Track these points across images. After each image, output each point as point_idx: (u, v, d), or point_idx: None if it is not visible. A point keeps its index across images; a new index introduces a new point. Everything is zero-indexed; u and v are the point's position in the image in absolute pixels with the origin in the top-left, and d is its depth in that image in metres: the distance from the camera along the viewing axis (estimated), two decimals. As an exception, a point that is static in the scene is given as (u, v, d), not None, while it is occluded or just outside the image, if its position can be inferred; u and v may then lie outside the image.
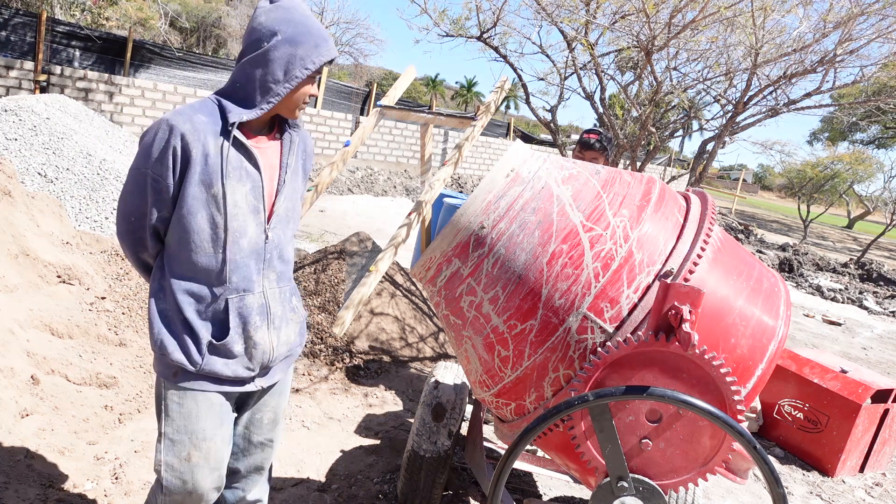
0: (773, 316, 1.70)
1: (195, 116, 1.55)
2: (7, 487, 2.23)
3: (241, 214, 1.62)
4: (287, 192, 1.73)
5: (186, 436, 1.66)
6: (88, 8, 14.81)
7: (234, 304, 1.64)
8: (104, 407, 3.00)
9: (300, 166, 1.80)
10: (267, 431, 1.85)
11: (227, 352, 1.65)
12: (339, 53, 1.59)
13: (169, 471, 1.67)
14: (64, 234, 4.03)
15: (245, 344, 1.67)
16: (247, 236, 1.64)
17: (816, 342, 7.14)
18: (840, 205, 26.91)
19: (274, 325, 1.73)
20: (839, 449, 3.78)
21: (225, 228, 1.60)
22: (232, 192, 1.59)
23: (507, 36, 5.71)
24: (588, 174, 1.84)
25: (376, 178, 13.12)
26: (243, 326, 1.66)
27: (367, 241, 4.65)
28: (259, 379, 1.75)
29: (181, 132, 1.52)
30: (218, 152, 1.57)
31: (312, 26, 1.61)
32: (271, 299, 1.72)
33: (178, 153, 1.53)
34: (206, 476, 1.69)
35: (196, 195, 1.56)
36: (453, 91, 51.62)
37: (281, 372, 1.83)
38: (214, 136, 1.56)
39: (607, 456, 1.54)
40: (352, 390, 3.77)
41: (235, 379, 1.69)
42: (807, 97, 5.01)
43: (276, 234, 1.71)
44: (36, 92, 9.26)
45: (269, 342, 1.72)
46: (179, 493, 1.68)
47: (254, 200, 1.64)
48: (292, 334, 1.81)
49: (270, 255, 1.70)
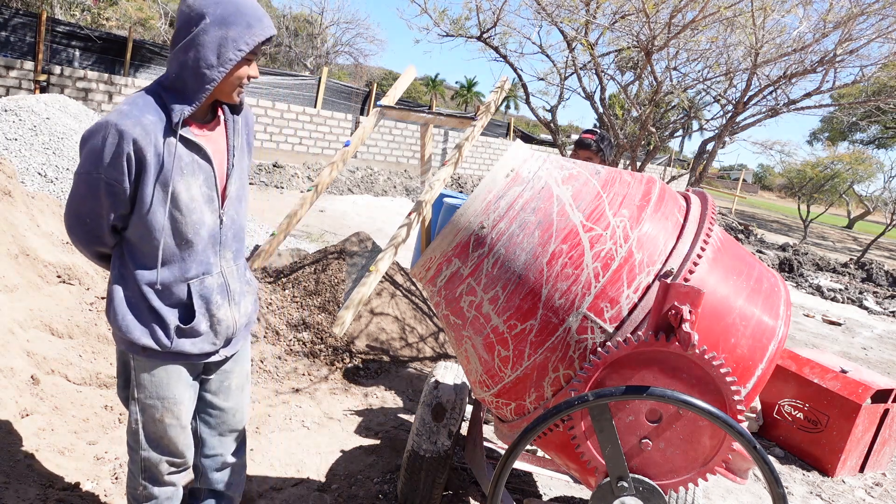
0: (773, 316, 1.70)
1: (143, 118, 1.53)
2: (7, 487, 2.23)
3: (198, 207, 1.66)
4: (236, 173, 1.77)
5: (158, 401, 1.76)
6: (88, 8, 14.81)
7: (195, 287, 1.70)
8: (104, 407, 3.00)
9: (245, 143, 1.83)
10: (236, 397, 1.97)
11: (193, 332, 1.72)
12: (276, 31, 1.57)
13: (144, 432, 1.79)
14: (64, 234, 4.03)
15: (209, 322, 1.75)
16: (205, 225, 1.69)
17: (816, 342, 7.14)
18: (840, 205, 26.91)
19: (234, 301, 1.82)
20: (839, 449, 3.78)
21: (184, 223, 1.64)
22: (188, 188, 1.62)
23: (507, 36, 5.71)
24: (588, 174, 1.84)
25: (376, 178, 13.12)
26: (206, 307, 1.73)
27: (367, 241, 4.65)
28: (223, 349, 1.85)
29: (133, 137, 1.51)
30: (171, 152, 1.57)
31: (243, 4, 1.55)
32: (229, 277, 1.80)
33: (132, 158, 1.53)
34: (179, 434, 1.82)
35: (154, 195, 1.58)
36: (453, 91, 51.60)
37: (242, 340, 1.94)
38: (164, 136, 1.56)
39: (607, 456, 1.54)
40: (352, 390, 3.77)
41: (202, 354, 1.79)
42: (807, 97, 5.01)
43: (229, 215, 1.76)
44: (36, 92, 9.26)
45: (232, 317, 1.81)
46: (156, 451, 1.81)
47: (208, 190, 1.68)
48: (249, 305, 1.91)
49: (226, 237, 1.76)
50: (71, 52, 10.96)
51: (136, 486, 1.88)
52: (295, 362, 3.87)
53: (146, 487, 1.86)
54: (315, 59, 26.88)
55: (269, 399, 3.46)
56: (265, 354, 3.82)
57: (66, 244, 3.97)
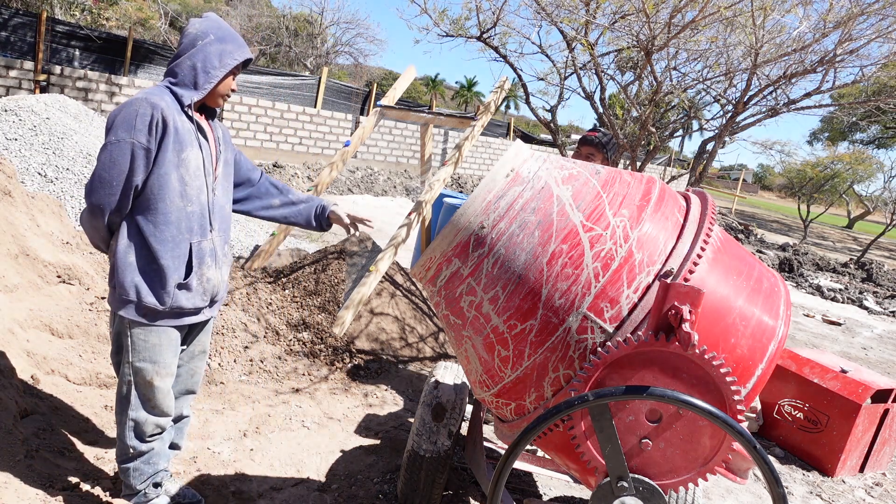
0: (773, 316, 1.70)
1: (165, 96, 1.98)
2: (7, 487, 2.23)
3: (199, 176, 2.06)
4: (223, 159, 2.20)
5: (150, 364, 2.10)
6: (88, 8, 14.81)
7: (195, 247, 2.07)
8: (104, 407, 3.00)
9: (229, 140, 2.27)
10: (198, 361, 2.36)
11: (188, 286, 2.08)
12: (253, 55, 2.21)
13: (137, 392, 2.12)
14: (64, 234, 4.03)
15: (199, 279, 2.11)
16: (204, 192, 2.09)
17: (816, 342, 7.14)
18: (840, 205, 26.91)
19: (218, 265, 2.19)
20: (839, 449, 3.78)
21: (191, 185, 2.04)
22: (195, 158, 2.05)
23: (507, 36, 5.70)
24: (588, 174, 1.84)
25: (376, 178, 13.12)
26: (199, 265, 2.09)
27: (367, 241, 4.65)
28: (206, 310, 2.22)
29: (160, 107, 1.94)
30: (183, 125, 2.01)
31: (235, 34, 2.12)
32: (217, 244, 2.17)
33: (159, 124, 1.94)
34: (166, 396, 2.17)
35: (170, 159, 1.98)
36: (453, 91, 51.60)
37: (220, 305, 2.35)
38: (178, 113, 2.00)
39: (607, 456, 1.54)
40: (352, 390, 3.76)
41: (194, 309, 2.15)
42: (807, 97, 5.01)
43: (219, 191, 2.17)
44: (36, 92, 9.26)
45: (217, 277, 2.20)
46: (144, 410, 2.14)
47: (206, 164, 2.09)
48: (226, 273, 2.28)
49: (215, 207, 2.15)
50: (71, 52, 10.96)
51: (125, 449, 2.17)
52: (295, 362, 3.87)
53: (136, 447, 2.16)
54: (315, 59, 26.87)
55: (269, 399, 3.46)
56: (265, 354, 3.82)
57: (66, 244, 3.97)
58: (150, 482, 2.24)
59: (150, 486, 2.24)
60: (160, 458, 2.25)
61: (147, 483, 2.23)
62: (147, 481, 2.23)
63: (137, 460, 2.19)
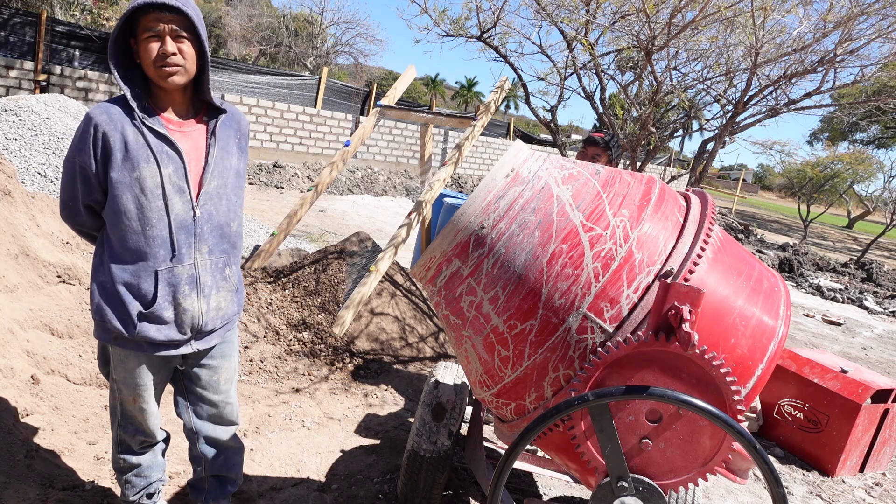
0: (773, 316, 1.70)
1: (111, 108, 1.75)
2: (7, 487, 2.23)
3: (163, 195, 1.79)
4: (217, 170, 1.88)
5: (130, 389, 1.95)
6: (88, 8, 14.81)
7: (163, 275, 1.82)
8: (104, 407, 3.00)
9: (233, 145, 1.94)
10: (225, 391, 2.14)
11: (157, 318, 1.84)
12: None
13: (120, 409, 2.01)
14: (64, 234, 4.03)
15: (175, 311, 1.86)
16: (173, 213, 1.81)
17: (816, 342, 7.14)
18: (840, 205, 26.90)
19: (203, 294, 1.91)
20: (839, 449, 3.78)
21: (150, 207, 1.77)
22: (151, 176, 1.76)
23: (507, 36, 5.69)
24: (588, 174, 1.84)
25: (376, 178, 13.12)
26: (173, 295, 1.85)
27: (367, 241, 4.65)
28: (195, 342, 1.96)
29: (96, 122, 1.72)
30: (137, 139, 1.74)
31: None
32: (202, 270, 1.89)
33: (98, 142, 1.73)
34: (149, 416, 2.03)
35: (121, 179, 1.75)
36: (453, 91, 51.61)
37: (218, 337, 2.04)
38: (129, 125, 1.75)
39: (607, 456, 1.54)
40: (352, 390, 3.76)
41: (170, 342, 1.90)
42: (807, 97, 5.01)
43: (206, 210, 1.87)
44: (36, 92, 9.26)
45: (199, 308, 1.91)
46: (130, 428, 2.04)
47: (178, 181, 1.80)
48: (223, 301, 1.99)
49: (201, 230, 1.87)
50: (71, 52, 10.96)
51: (116, 461, 2.13)
52: (295, 362, 3.87)
53: (126, 460, 2.10)
54: (315, 59, 26.87)
55: (269, 399, 3.46)
56: (265, 354, 3.82)
57: (66, 244, 3.97)
58: (142, 493, 2.17)
59: (143, 496, 2.18)
60: (153, 470, 2.17)
61: (140, 495, 2.17)
62: (140, 493, 2.17)
63: (129, 473, 2.14)
